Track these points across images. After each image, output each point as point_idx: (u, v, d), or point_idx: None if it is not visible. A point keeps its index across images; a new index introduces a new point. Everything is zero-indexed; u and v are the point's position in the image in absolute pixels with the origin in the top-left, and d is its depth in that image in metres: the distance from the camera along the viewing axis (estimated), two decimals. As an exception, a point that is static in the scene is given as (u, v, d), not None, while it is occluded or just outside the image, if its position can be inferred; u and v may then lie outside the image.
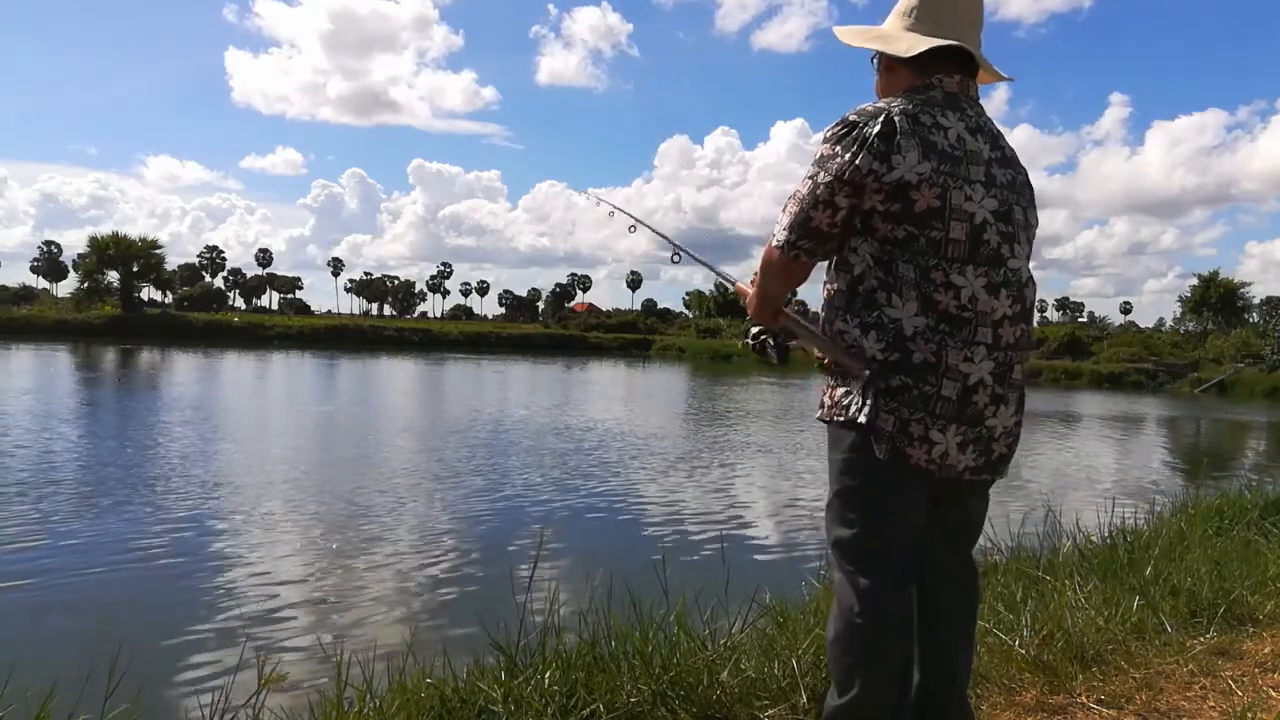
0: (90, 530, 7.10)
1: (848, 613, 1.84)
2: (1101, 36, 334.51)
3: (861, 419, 1.81)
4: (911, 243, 1.78)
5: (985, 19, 2.02)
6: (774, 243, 1.91)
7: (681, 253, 2.49)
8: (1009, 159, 1.91)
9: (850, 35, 2.04)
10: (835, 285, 1.90)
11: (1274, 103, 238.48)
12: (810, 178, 1.83)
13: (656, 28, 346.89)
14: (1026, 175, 1.97)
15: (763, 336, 2.09)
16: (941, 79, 1.89)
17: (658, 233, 2.61)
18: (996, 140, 1.91)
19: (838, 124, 1.83)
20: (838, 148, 1.80)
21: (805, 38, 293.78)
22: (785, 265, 1.91)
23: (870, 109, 1.83)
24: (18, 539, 6.69)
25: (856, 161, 1.77)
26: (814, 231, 1.85)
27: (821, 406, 1.94)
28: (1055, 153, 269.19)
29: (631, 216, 2.67)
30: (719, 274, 2.36)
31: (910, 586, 1.89)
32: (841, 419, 1.86)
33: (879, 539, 1.85)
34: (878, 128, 1.77)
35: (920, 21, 1.93)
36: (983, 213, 1.80)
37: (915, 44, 1.90)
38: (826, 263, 1.96)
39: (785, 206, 1.90)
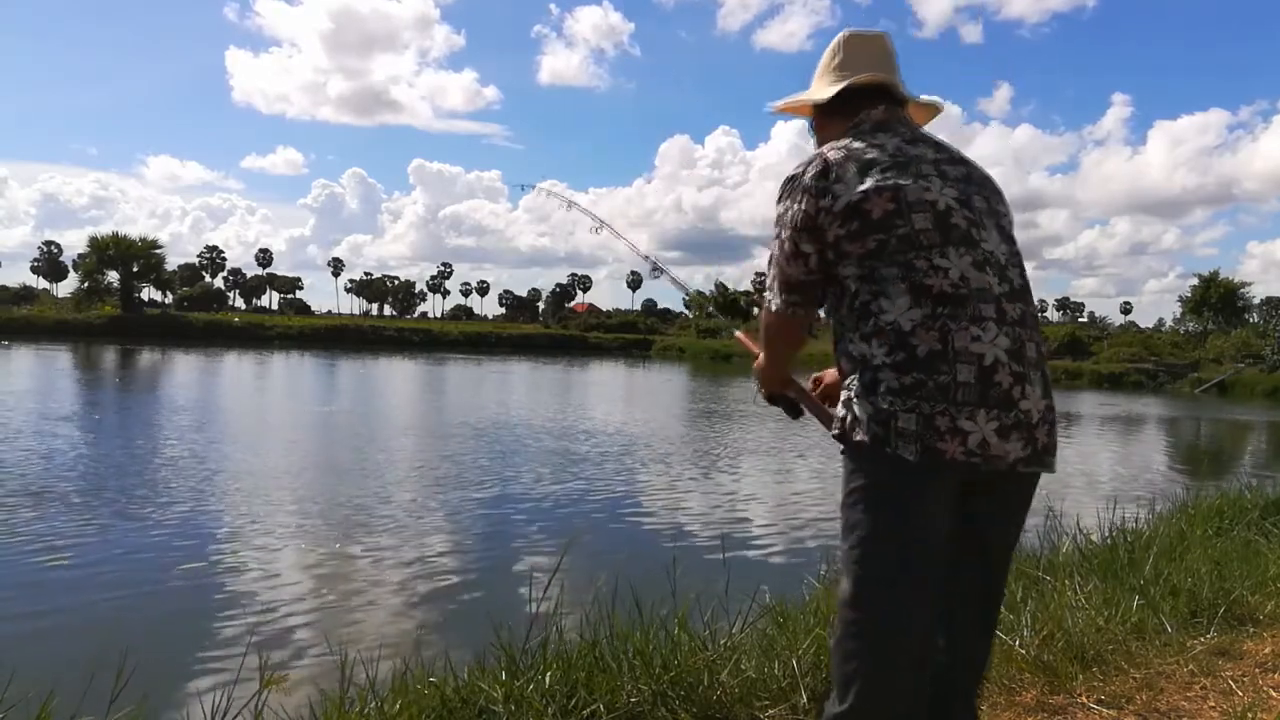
0: (92, 532, 7.10)
1: (852, 619, 1.80)
2: (1104, 36, 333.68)
3: (860, 437, 1.78)
4: (884, 247, 1.80)
5: (988, 18, 2.09)
6: (771, 308, 2.01)
7: (659, 270, 2.57)
8: (957, 159, 1.96)
9: (780, 103, 2.19)
10: (839, 310, 1.92)
11: (1275, 103, 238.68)
12: (776, 238, 1.95)
13: (658, 27, 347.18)
14: (983, 170, 2.01)
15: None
16: (868, 112, 1.99)
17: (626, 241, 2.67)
18: (940, 146, 1.96)
19: (783, 182, 1.95)
20: (787, 201, 1.92)
21: (807, 37, 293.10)
22: (786, 324, 2.02)
23: (807, 159, 1.94)
24: (19, 541, 6.69)
25: (803, 207, 1.87)
26: (797, 285, 1.94)
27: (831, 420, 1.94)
28: (1057, 152, 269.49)
29: (603, 223, 2.74)
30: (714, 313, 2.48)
31: (926, 591, 1.82)
32: (837, 432, 1.86)
33: (891, 544, 1.79)
34: (813, 170, 1.87)
35: (840, 71, 2.06)
36: (945, 199, 1.84)
37: (833, 86, 2.04)
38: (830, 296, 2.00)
39: (769, 272, 2.00)
